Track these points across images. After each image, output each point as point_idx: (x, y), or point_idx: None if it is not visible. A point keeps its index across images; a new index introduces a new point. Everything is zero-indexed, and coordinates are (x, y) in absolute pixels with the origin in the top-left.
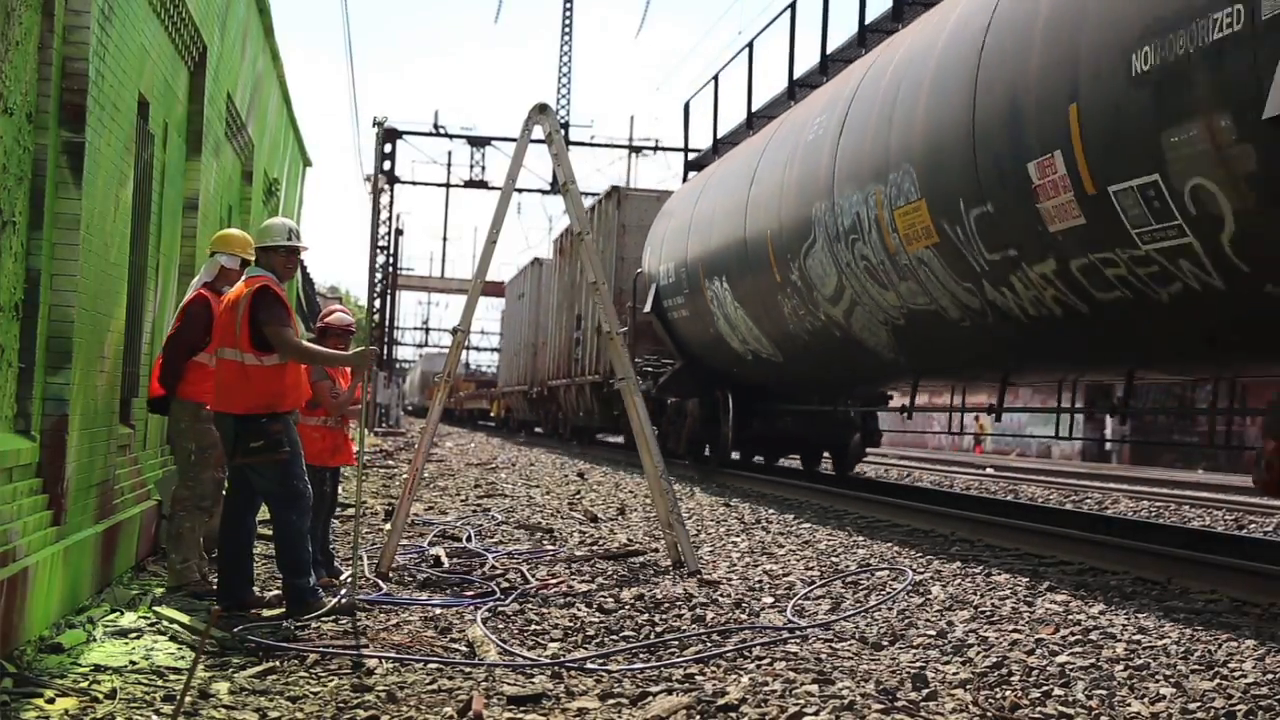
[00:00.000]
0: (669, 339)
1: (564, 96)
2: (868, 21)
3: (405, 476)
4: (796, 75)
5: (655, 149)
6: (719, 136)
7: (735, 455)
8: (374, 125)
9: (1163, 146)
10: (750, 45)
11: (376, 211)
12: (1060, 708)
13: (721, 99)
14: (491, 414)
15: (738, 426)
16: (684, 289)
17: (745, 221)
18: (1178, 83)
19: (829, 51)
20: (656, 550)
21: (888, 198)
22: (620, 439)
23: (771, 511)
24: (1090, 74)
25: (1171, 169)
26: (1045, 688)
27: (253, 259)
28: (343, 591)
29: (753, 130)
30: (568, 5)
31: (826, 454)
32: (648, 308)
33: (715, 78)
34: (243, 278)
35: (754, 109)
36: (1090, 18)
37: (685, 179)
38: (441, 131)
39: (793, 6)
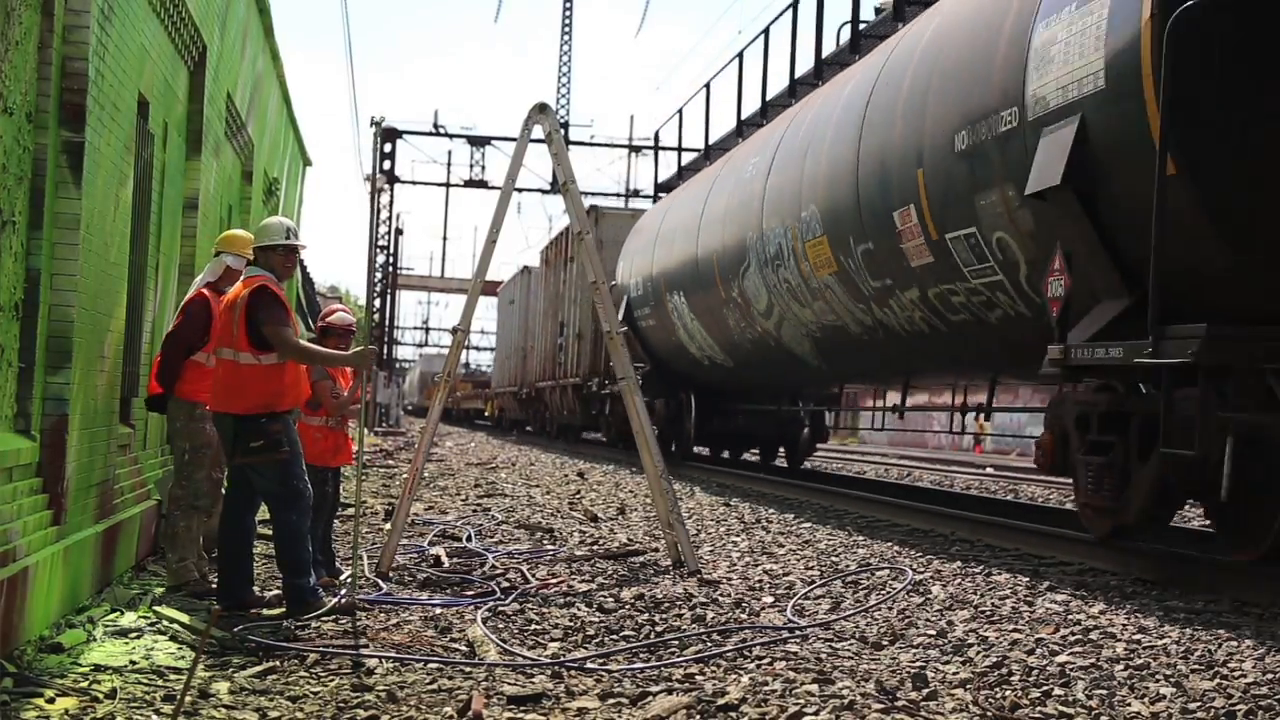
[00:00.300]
0: (639, 345)
1: (564, 96)
2: (797, 75)
3: (405, 476)
4: (744, 116)
5: (655, 149)
6: (683, 164)
7: (705, 450)
8: (371, 125)
9: (976, 207)
10: (708, 86)
11: (376, 211)
12: (1060, 707)
13: (693, 124)
14: (486, 413)
15: (699, 424)
16: (650, 301)
17: (698, 243)
18: (983, 160)
19: (768, 98)
20: (657, 550)
21: (800, 232)
22: (600, 436)
23: (771, 511)
24: (930, 147)
25: (982, 224)
26: (1045, 687)
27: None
28: (343, 591)
29: (709, 161)
30: (567, 5)
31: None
32: (620, 316)
33: (680, 111)
34: (241, 277)
35: (710, 142)
36: (930, 105)
37: (655, 200)
38: (441, 131)
39: (740, 56)
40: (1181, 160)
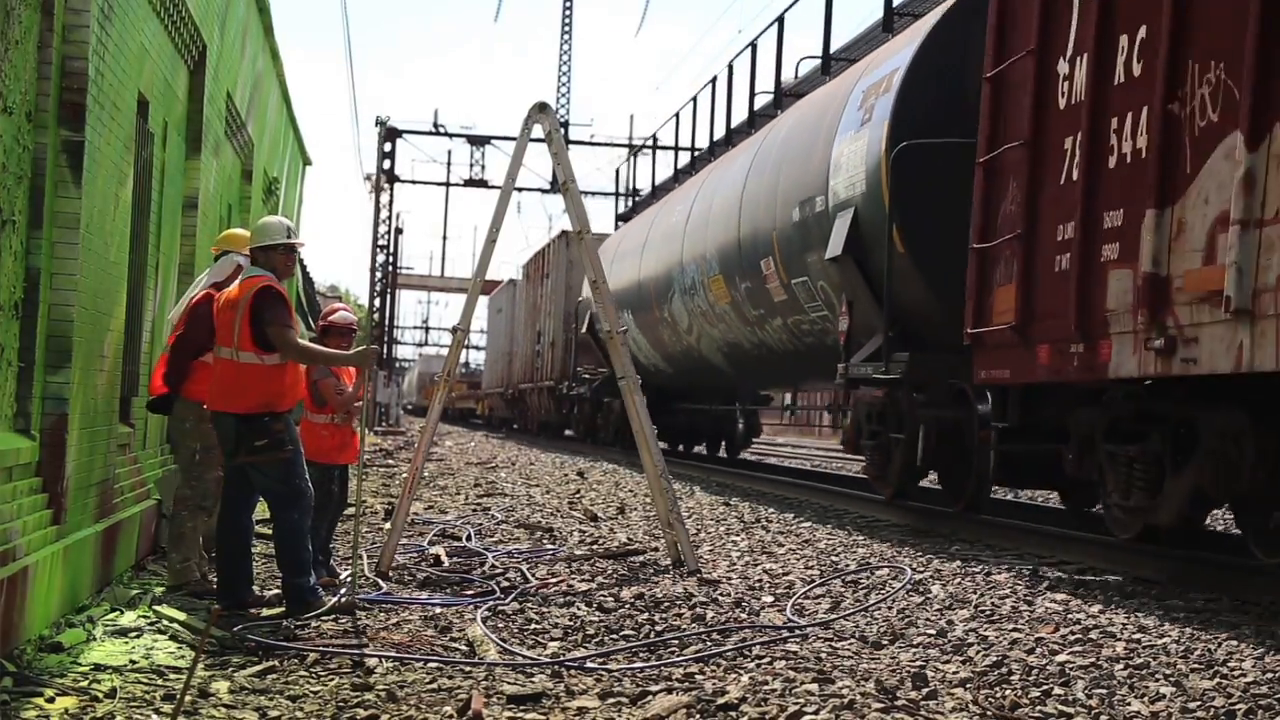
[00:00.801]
0: (600, 354)
1: (564, 95)
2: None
3: (405, 475)
4: (679, 166)
5: (654, 148)
6: (637, 200)
7: (662, 445)
8: (376, 125)
9: (806, 263)
10: (655, 137)
11: (377, 210)
12: (1060, 707)
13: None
14: (478, 412)
15: (651, 420)
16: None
17: (640, 271)
18: (808, 230)
19: (696, 153)
20: (656, 549)
21: (706, 270)
22: (571, 432)
23: (771, 510)
24: (780, 216)
25: (811, 275)
26: (1045, 687)
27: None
28: (342, 591)
29: (655, 199)
30: (567, 4)
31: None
32: (584, 329)
33: (677, 115)
34: (241, 277)
35: (656, 184)
36: (780, 185)
37: (616, 228)
38: (441, 130)
39: (677, 116)
40: (905, 240)
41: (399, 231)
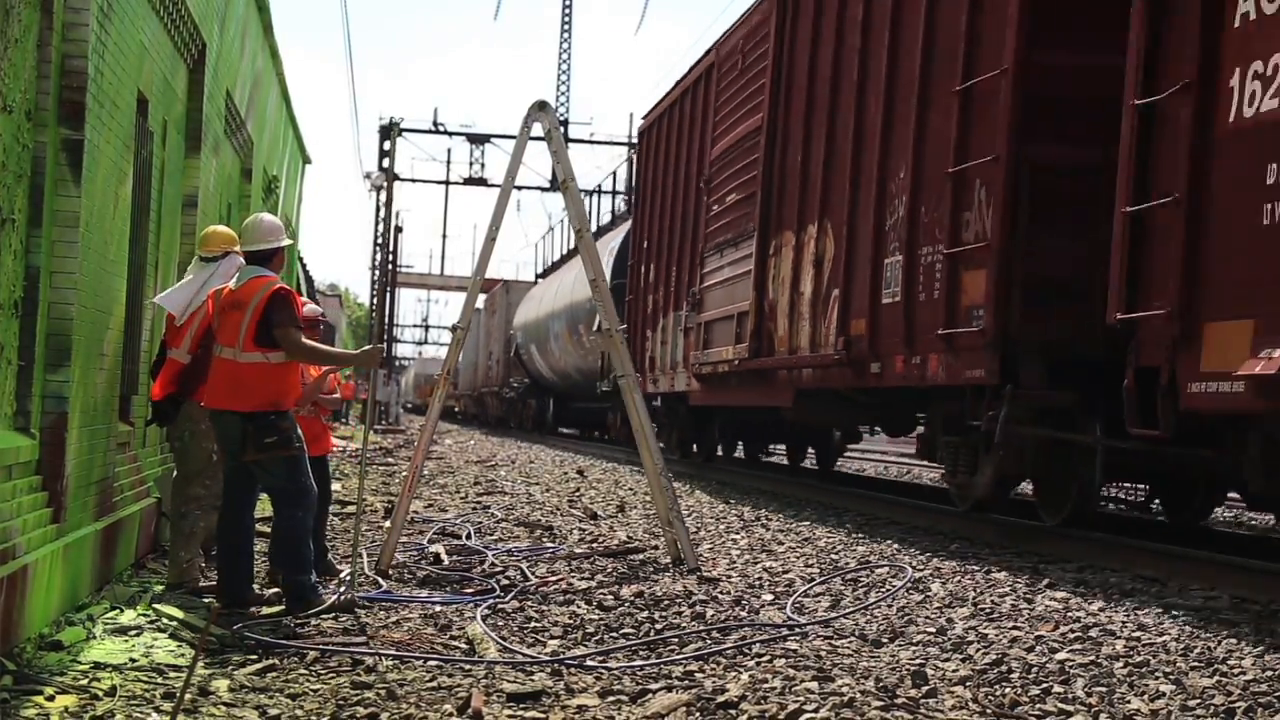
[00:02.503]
0: (523, 369)
1: (563, 94)
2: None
3: (405, 474)
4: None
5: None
6: (549, 264)
7: (574, 431)
8: (380, 125)
9: (584, 343)
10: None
11: (378, 209)
12: (1060, 705)
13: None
14: (456, 410)
15: (556, 414)
16: (529, 342)
17: (539, 313)
18: (576, 316)
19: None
20: (656, 547)
21: (564, 325)
22: (514, 424)
23: (771, 509)
24: (567, 318)
25: (585, 341)
26: (1045, 685)
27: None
28: (342, 589)
29: (559, 267)
30: (567, 3)
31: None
32: (512, 353)
33: (551, 228)
34: (239, 277)
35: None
36: (574, 292)
37: (535, 283)
38: (441, 129)
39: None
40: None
41: (399, 230)
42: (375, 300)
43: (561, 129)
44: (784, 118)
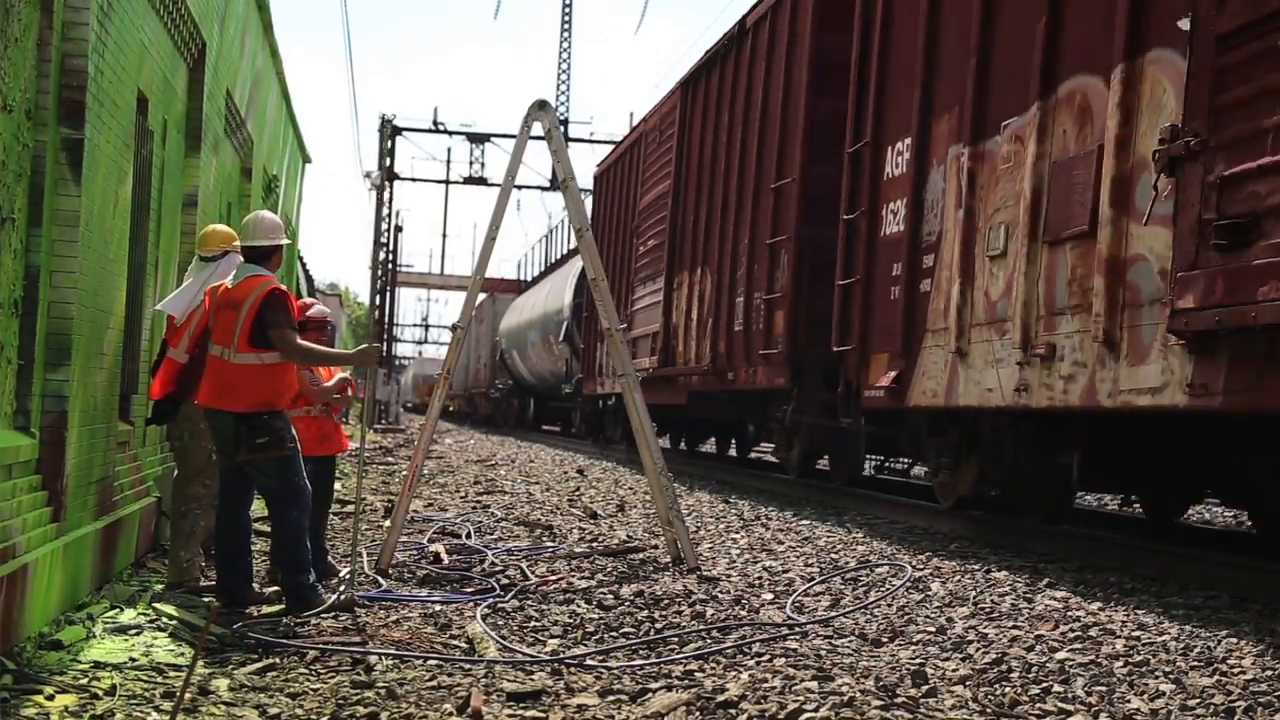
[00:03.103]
0: (507, 372)
1: (563, 93)
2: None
3: (405, 473)
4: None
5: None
6: (529, 279)
7: (555, 428)
8: (381, 124)
9: (554, 350)
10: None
11: (379, 208)
12: (1060, 704)
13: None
14: (450, 409)
15: (536, 412)
16: (512, 347)
17: (519, 322)
18: (547, 328)
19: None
20: (656, 547)
21: (538, 334)
22: (500, 421)
23: (771, 508)
24: (541, 328)
25: (556, 350)
26: (1045, 684)
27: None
28: (342, 588)
29: (539, 281)
30: (566, 2)
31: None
32: (496, 357)
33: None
34: (235, 275)
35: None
36: (546, 303)
37: (518, 296)
38: (441, 128)
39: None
40: (576, 329)
41: (399, 229)
42: (372, 299)
43: (561, 128)
44: (684, 185)
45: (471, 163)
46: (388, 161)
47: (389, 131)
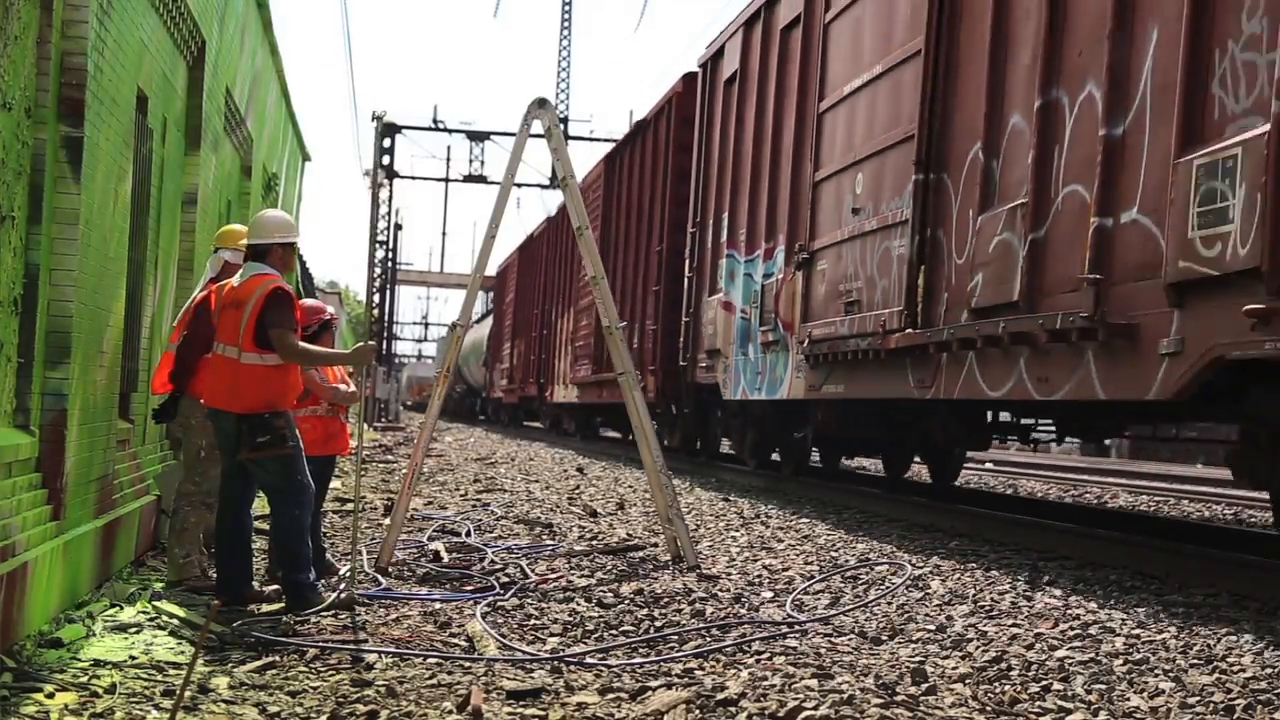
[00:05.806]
0: (462, 379)
1: (563, 91)
2: None
3: (404, 471)
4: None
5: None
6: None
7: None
8: (373, 119)
9: (482, 366)
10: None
11: (376, 206)
12: (1060, 702)
13: None
14: (410, 404)
15: (480, 409)
16: (463, 363)
17: (469, 342)
18: (479, 354)
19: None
20: (656, 545)
21: (476, 357)
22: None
23: (771, 506)
24: (478, 351)
25: (483, 371)
26: (1045, 682)
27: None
28: (342, 586)
29: (481, 321)
30: (566, 1)
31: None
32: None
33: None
34: (242, 273)
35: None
36: (476, 336)
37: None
38: (440, 126)
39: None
40: None
41: (398, 227)
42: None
43: (561, 126)
44: (610, 235)
45: (471, 161)
46: (385, 160)
47: (381, 129)
